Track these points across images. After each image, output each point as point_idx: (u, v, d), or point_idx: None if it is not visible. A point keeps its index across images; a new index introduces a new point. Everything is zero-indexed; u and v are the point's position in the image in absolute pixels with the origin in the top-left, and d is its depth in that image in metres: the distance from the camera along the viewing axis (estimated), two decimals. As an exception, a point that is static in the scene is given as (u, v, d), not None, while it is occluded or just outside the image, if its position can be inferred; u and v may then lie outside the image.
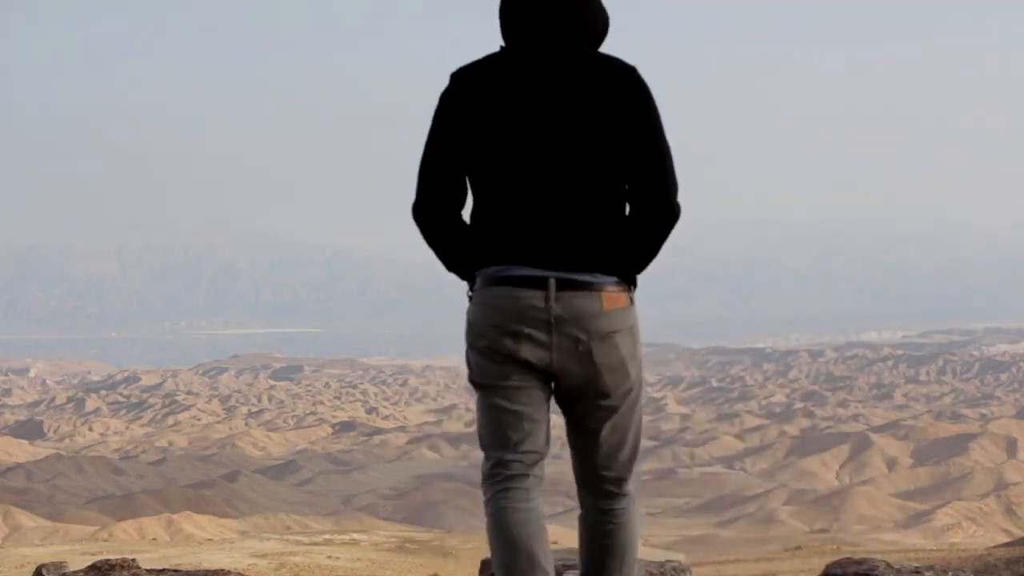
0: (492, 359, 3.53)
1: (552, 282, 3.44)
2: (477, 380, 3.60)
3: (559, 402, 3.64)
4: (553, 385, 3.58)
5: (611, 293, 3.48)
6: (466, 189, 3.57)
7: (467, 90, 3.49)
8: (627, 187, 3.51)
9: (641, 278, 3.64)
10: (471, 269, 3.58)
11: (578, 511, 3.83)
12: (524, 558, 3.49)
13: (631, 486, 3.67)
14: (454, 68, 3.55)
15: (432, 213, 3.56)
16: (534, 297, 3.44)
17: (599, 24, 3.64)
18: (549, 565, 3.52)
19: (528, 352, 3.47)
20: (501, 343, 3.49)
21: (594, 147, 3.45)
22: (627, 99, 3.45)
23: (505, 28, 3.58)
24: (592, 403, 3.55)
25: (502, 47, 3.57)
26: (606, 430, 3.58)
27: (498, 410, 3.55)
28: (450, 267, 3.64)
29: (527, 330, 3.46)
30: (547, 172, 3.44)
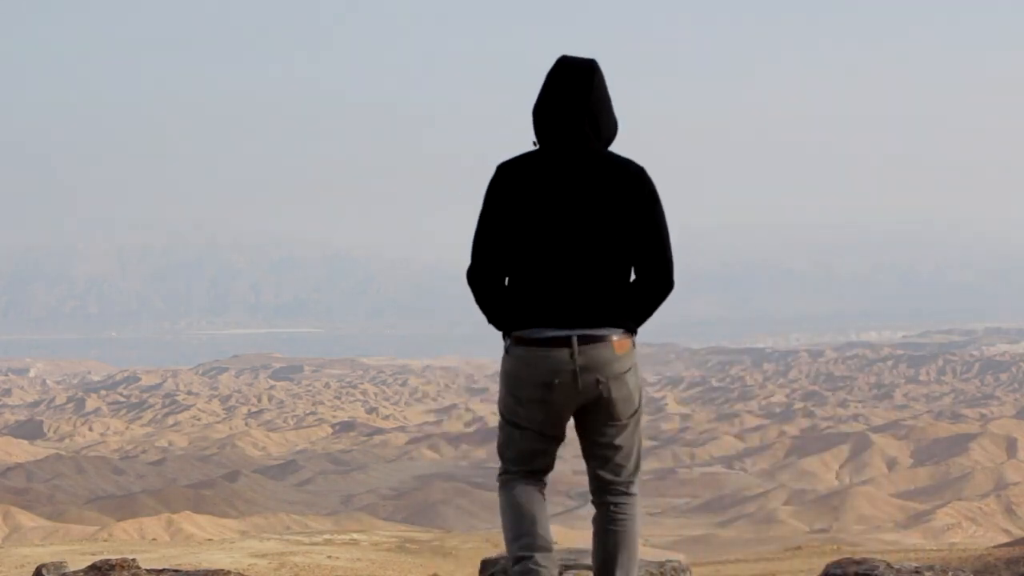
0: (526, 405, 4.57)
1: (575, 339, 4.48)
2: (508, 418, 4.65)
3: (578, 425, 4.69)
4: (573, 416, 4.63)
5: (619, 341, 4.56)
6: (508, 261, 4.57)
7: (510, 181, 4.53)
8: (634, 264, 4.59)
9: None
10: (509, 327, 4.57)
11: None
12: (525, 519, 4.58)
13: (636, 487, 4.71)
14: (501, 159, 4.63)
15: (483, 279, 4.58)
16: (562, 353, 4.48)
17: (612, 129, 4.68)
18: (548, 533, 4.60)
19: (558, 397, 4.53)
20: (536, 392, 4.53)
21: (609, 233, 4.50)
22: (638, 196, 4.52)
23: (538, 128, 4.61)
24: (606, 426, 4.62)
25: (534, 143, 4.63)
26: (618, 447, 4.65)
27: (520, 442, 4.64)
28: (493, 322, 4.65)
29: (557, 380, 4.50)
30: (571, 251, 4.48)
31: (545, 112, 4.57)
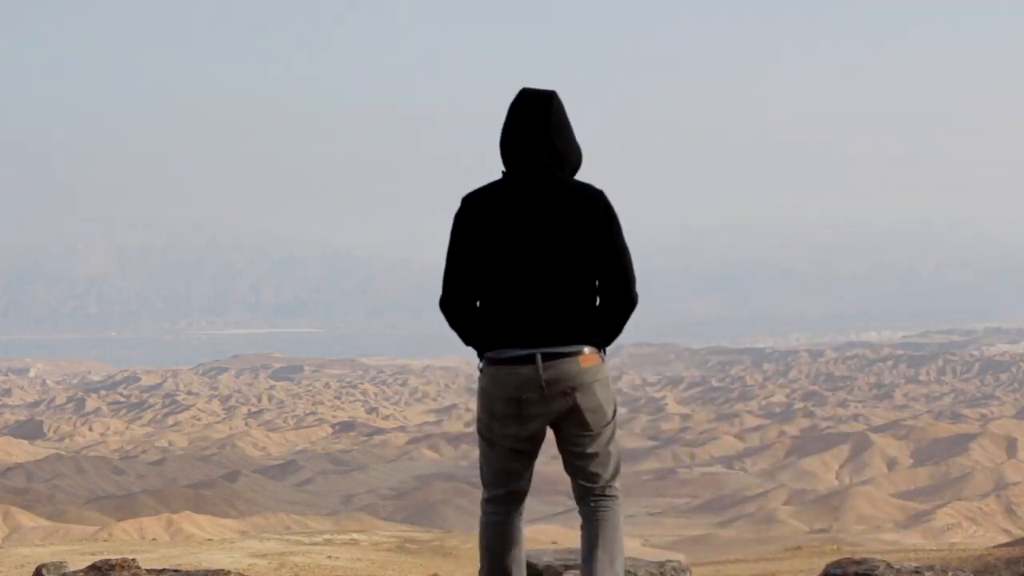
0: (500, 421, 4.83)
1: (539, 356, 4.74)
2: (485, 435, 4.91)
3: (556, 439, 4.94)
4: (546, 429, 4.88)
5: (586, 355, 4.81)
6: (477, 286, 4.83)
7: (475, 211, 4.79)
8: (597, 283, 4.81)
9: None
10: (481, 348, 4.85)
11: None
12: (498, 568, 4.93)
13: (616, 491, 4.96)
14: (466, 191, 4.87)
15: (455, 306, 4.86)
16: (528, 370, 4.74)
17: (576, 159, 4.89)
18: (521, 569, 4.96)
19: (528, 412, 4.80)
20: (508, 409, 4.80)
21: (572, 255, 4.74)
22: (596, 219, 4.76)
23: (504, 157, 4.86)
24: (580, 436, 4.87)
25: (503, 172, 4.87)
26: (592, 456, 4.90)
27: (497, 460, 4.91)
28: (468, 343, 4.92)
29: (526, 396, 4.77)
30: (535, 275, 4.74)
31: (507, 143, 4.84)
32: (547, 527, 71.94)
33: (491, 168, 5.11)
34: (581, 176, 5.00)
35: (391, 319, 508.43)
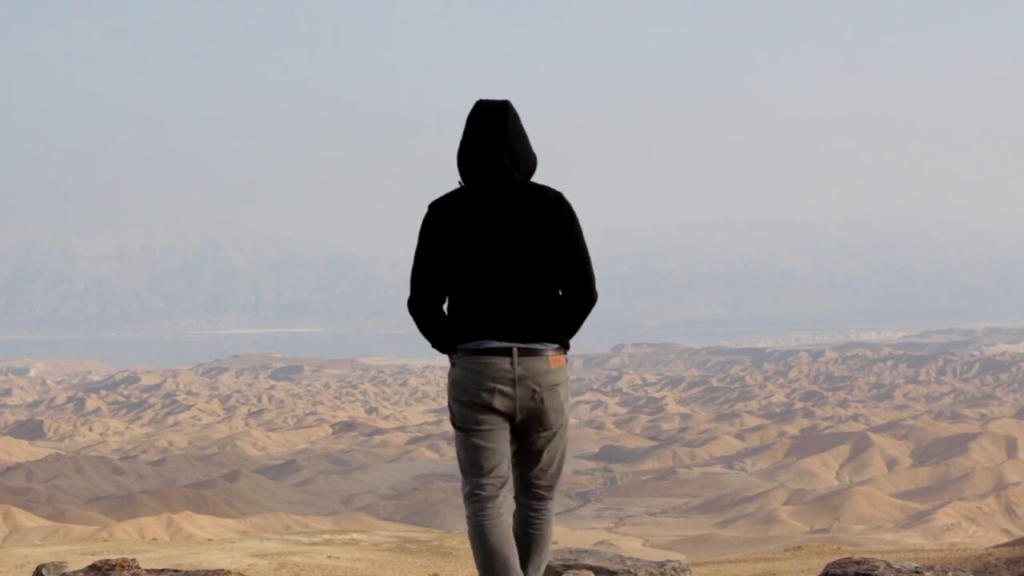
0: (472, 408, 5.09)
1: (515, 350, 5.05)
2: (459, 424, 5.14)
3: (512, 431, 5.18)
4: (511, 422, 5.16)
5: (554, 355, 5.12)
6: (444, 289, 5.16)
7: (441, 217, 5.10)
8: (559, 280, 5.13)
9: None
10: (452, 344, 5.13)
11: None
12: (499, 562, 5.08)
13: (553, 494, 5.31)
14: (432, 197, 5.23)
15: (423, 307, 5.16)
16: (503, 362, 5.06)
17: (532, 163, 5.21)
18: (517, 563, 5.11)
19: (499, 402, 5.08)
20: (480, 396, 5.08)
21: (535, 254, 5.05)
22: (557, 219, 5.07)
23: (462, 168, 5.17)
24: (538, 433, 5.16)
25: (460, 183, 5.19)
26: (545, 452, 5.21)
27: (474, 447, 5.14)
28: (435, 345, 5.19)
29: (498, 386, 5.06)
30: (504, 273, 5.04)
31: (468, 151, 5.16)
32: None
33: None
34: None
35: (391, 319, 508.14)
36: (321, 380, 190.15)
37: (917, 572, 6.22)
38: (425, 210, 5.23)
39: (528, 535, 5.29)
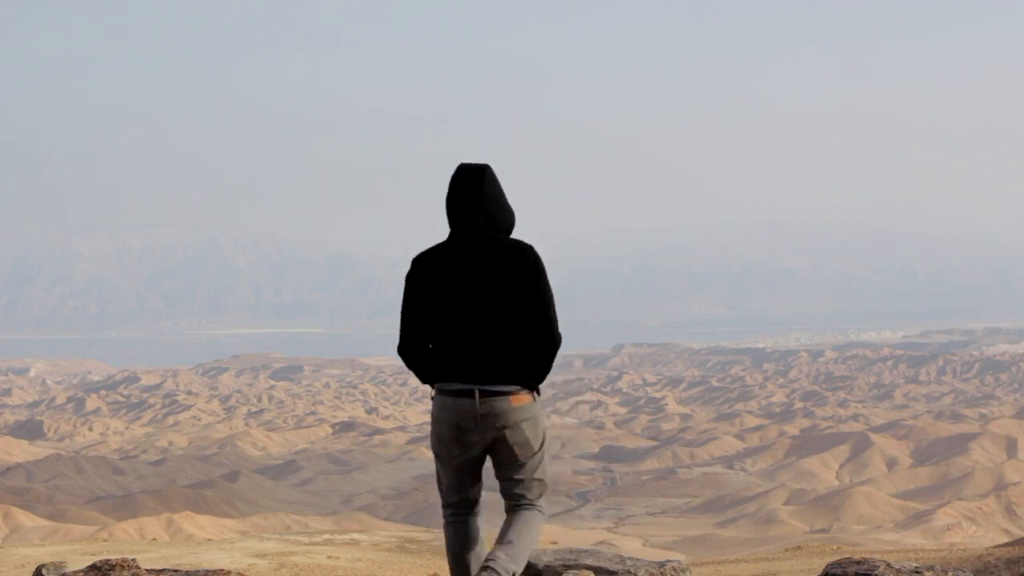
0: (445, 443, 5.79)
1: (477, 392, 5.67)
2: (435, 452, 5.86)
3: (491, 459, 5.84)
4: (483, 452, 5.81)
5: (517, 395, 5.69)
6: (428, 332, 5.79)
7: (423, 270, 5.75)
8: (524, 327, 5.68)
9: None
10: (433, 380, 5.83)
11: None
12: (460, 567, 5.87)
13: (538, 502, 5.87)
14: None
15: (409, 350, 5.86)
16: (467, 403, 5.69)
17: (509, 221, 5.81)
18: (472, 567, 5.85)
19: (467, 439, 5.73)
20: (451, 433, 5.76)
21: (504, 303, 5.65)
22: (523, 270, 5.66)
23: (449, 219, 5.80)
24: (508, 463, 5.79)
25: (449, 233, 5.81)
26: (518, 479, 5.81)
27: (448, 475, 5.86)
28: (423, 380, 5.88)
29: (465, 424, 5.71)
30: (472, 321, 5.67)
31: (449, 211, 5.80)
32: (547, 527, 71.95)
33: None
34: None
35: (391, 319, 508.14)
36: (321, 380, 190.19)
37: (917, 572, 6.22)
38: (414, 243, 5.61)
39: (510, 528, 5.82)
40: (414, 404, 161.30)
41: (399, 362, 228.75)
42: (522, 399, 5.70)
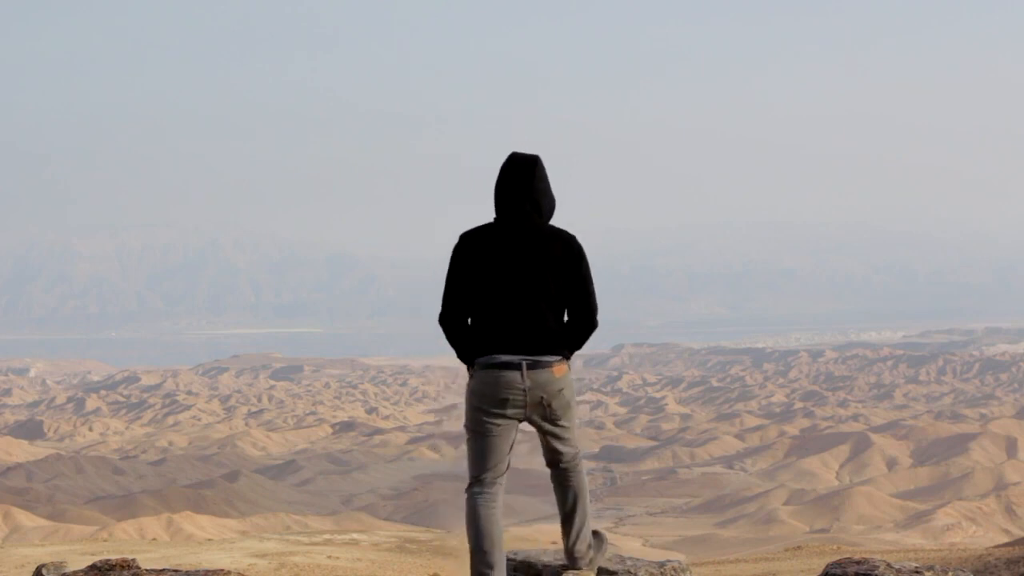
0: (485, 414, 6.16)
1: (524, 364, 6.09)
2: (470, 427, 6.23)
3: (533, 425, 6.24)
4: (520, 421, 6.21)
5: (558, 366, 6.14)
6: (469, 308, 6.16)
7: (470, 247, 6.12)
8: (567, 308, 6.17)
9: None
10: (472, 357, 6.19)
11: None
12: (486, 539, 6.13)
13: (579, 459, 6.40)
14: (464, 228, 6.24)
15: (452, 322, 6.18)
16: (514, 375, 6.09)
17: (551, 207, 6.23)
18: (502, 544, 6.17)
19: (510, 409, 6.13)
20: (495, 404, 6.13)
21: (546, 284, 6.08)
22: (568, 257, 6.11)
23: (496, 206, 6.17)
24: (552, 425, 6.24)
25: (495, 217, 6.20)
26: (559, 436, 6.28)
27: (483, 447, 6.20)
28: (460, 355, 6.21)
29: (511, 396, 6.10)
30: (515, 299, 6.08)
31: (498, 196, 6.17)
32: (547, 527, 71.93)
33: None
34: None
35: (391, 319, 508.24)
36: (321, 380, 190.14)
37: (917, 572, 6.22)
38: (448, 233, 5.69)
39: (566, 495, 6.40)
40: (414, 404, 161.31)
41: (399, 362, 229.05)
42: (562, 370, 6.14)
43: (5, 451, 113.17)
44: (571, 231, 6.26)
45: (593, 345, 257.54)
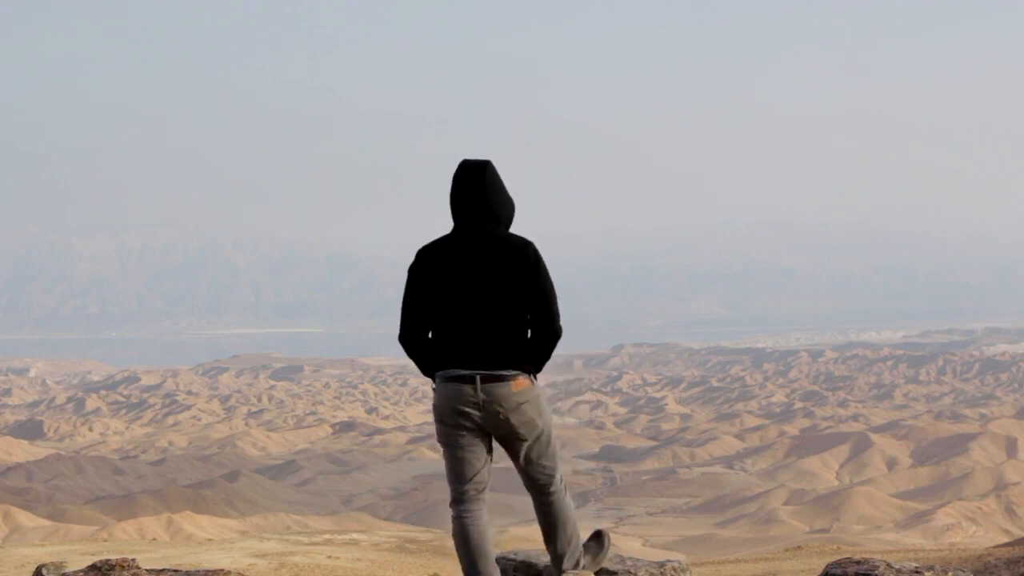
0: (449, 427, 5.96)
1: (478, 377, 5.89)
2: (442, 441, 6.01)
3: (502, 446, 6.06)
4: (491, 438, 6.02)
5: (516, 380, 5.91)
6: (429, 322, 6.01)
7: (426, 261, 5.97)
8: (527, 318, 5.95)
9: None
10: (433, 371, 6.02)
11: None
12: (481, 558, 5.97)
13: (558, 485, 6.15)
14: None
15: (410, 339, 6.05)
16: (467, 387, 5.90)
17: (509, 213, 6.05)
18: (493, 558, 5.99)
19: (468, 422, 5.92)
20: (453, 417, 5.94)
21: (505, 295, 5.88)
22: (524, 265, 5.89)
23: (452, 216, 6.02)
24: (517, 443, 6.01)
25: (453, 227, 6.03)
26: (531, 457, 6.06)
27: (456, 459, 5.99)
28: (423, 370, 6.07)
29: (467, 409, 5.91)
30: (472, 311, 5.89)
31: (452, 206, 6.03)
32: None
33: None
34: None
35: (391, 319, 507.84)
36: (321, 380, 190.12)
37: (917, 572, 6.22)
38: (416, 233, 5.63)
39: (547, 521, 6.17)
40: (414, 404, 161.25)
41: (399, 362, 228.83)
42: (521, 384, 5.91)
43: (5, 451, 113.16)
44: (529, 237, 6.07)
45: (593, 345, 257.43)
